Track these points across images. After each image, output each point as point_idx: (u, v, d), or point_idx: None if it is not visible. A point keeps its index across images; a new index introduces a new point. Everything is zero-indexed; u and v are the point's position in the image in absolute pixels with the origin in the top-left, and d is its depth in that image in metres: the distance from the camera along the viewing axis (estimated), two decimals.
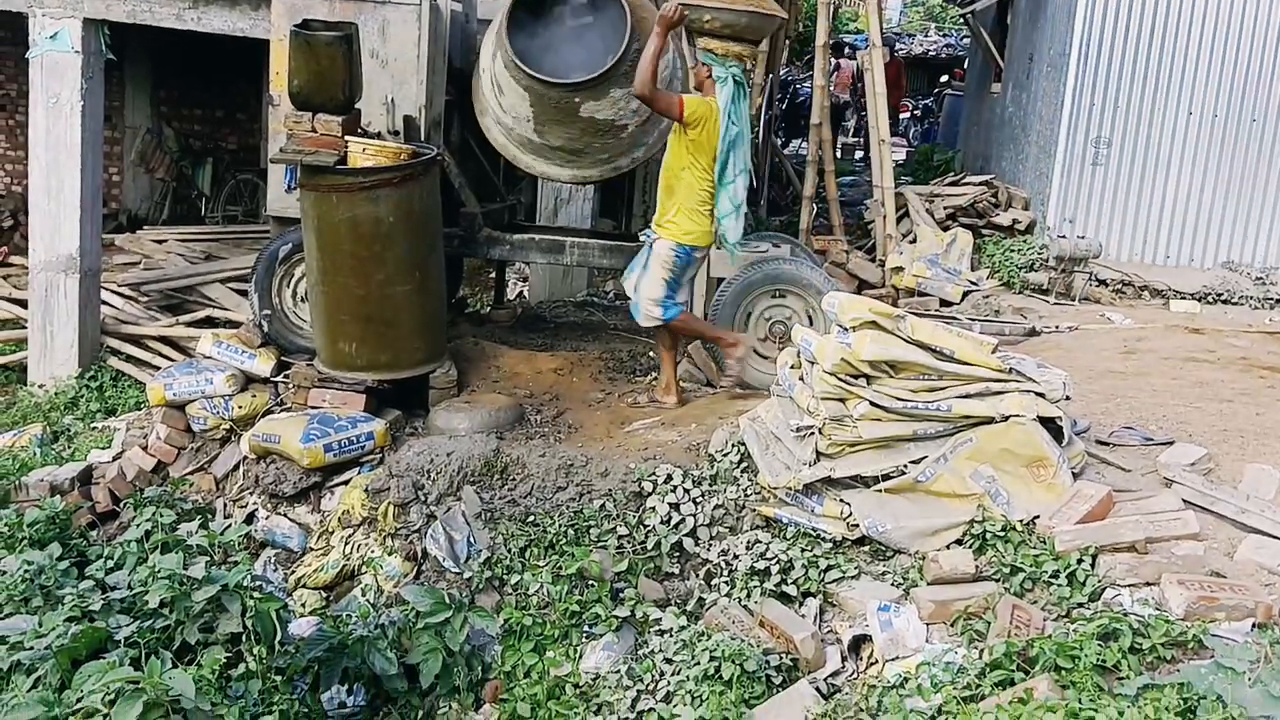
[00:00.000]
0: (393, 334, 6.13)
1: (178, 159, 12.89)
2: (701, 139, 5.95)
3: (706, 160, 6.00)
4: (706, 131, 5.94)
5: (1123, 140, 9.84)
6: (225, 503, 6.02)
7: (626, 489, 5.35)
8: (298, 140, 5.88)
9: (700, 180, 6.04)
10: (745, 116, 6.01)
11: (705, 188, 6.05)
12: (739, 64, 5.95)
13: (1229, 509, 4.51)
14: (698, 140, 5.95)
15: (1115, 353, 7.19)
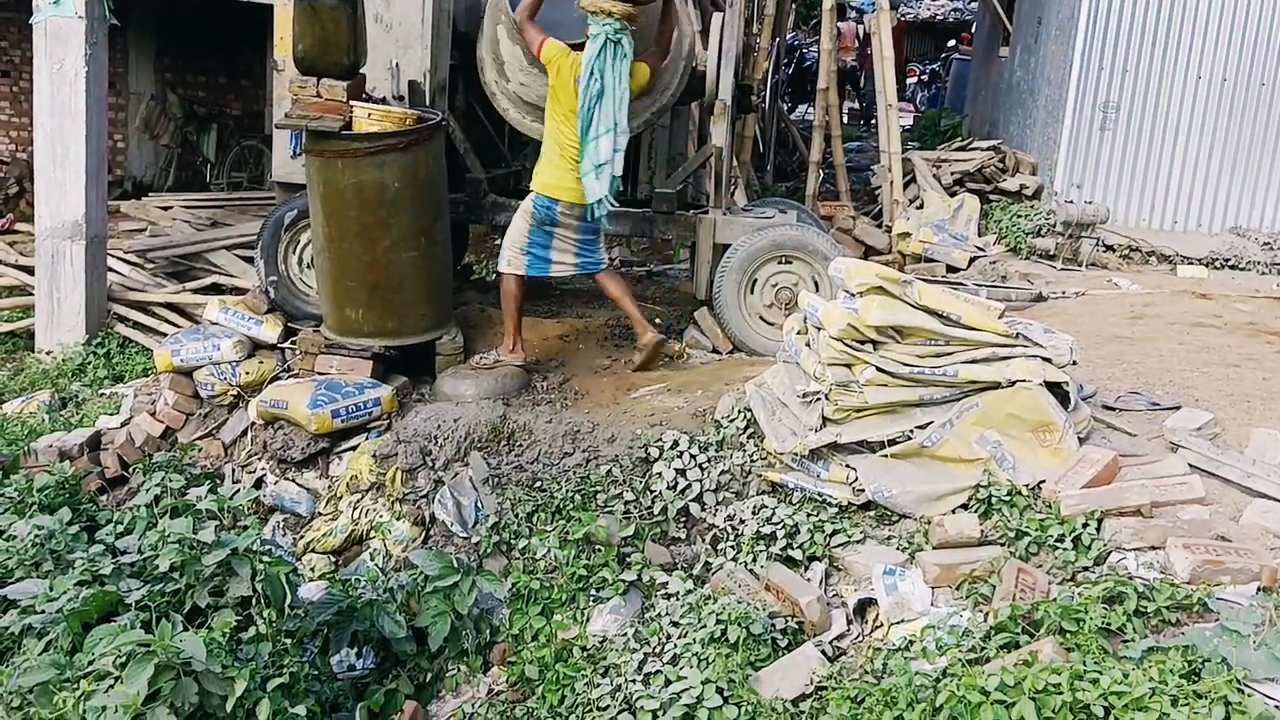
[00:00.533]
0: (399, 300, 6.13)
1: (182, 125, 12.84)
2: (556, 86, 5.94)
3: (562, 110, 5.96)
4: (560, 80, 5.92)
5: (1131, 105, 9.80)
6: (233, 468, 6.05)
7: (633, 455, 5.36)
8: (302, 106, 5.86)
9: (557, 130, 6.01)
10: (619, 76, 5.84)
11: (562, 139, 5.99)
12: (615, 22, 5.83)
13: (1235, 473, 4.52)
14: (554, 87, 5.95)
15: (1122, 318, 7.18)
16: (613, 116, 5.88)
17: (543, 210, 6.09)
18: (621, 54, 5.85)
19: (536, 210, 6.11)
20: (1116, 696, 3.25)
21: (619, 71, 5.86)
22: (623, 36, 5.82)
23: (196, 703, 3.63)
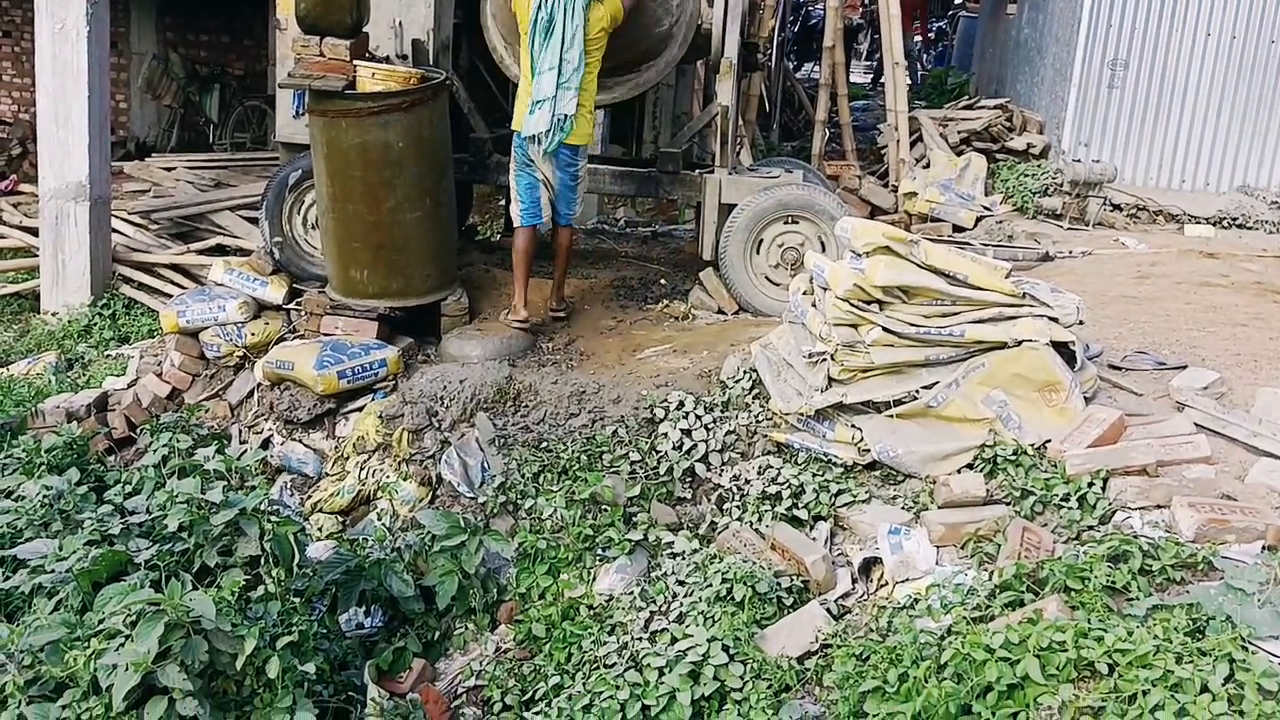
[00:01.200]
0: (404, 261, 6.12)
1: (184, 85, 12.77)
2: (521, 22, 5.95)
3: (524, 43, 5.96)
4: (519, 9, 5.95)
5: (1139, 63, 9.72)
6: (240, 429, 6.07)
7: (638, 415, 5.37)
8: (305, 65, 5.82)
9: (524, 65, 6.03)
10: (570, 12, 5.79)
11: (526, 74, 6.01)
12: None
13: (1241, 433, 4.52)
14: (520, 24, 5.97)
15: (1129, 277, 7.16)
16: (558, 54, 5.84)
17: (518, 149, 6.12)
18: None
19: (517, 148, 6.13)
20: (1121, 654, 3.27)
21: (569, 7, 5.80)
22: None
23: (206, 661, 3.65)
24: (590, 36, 5.89)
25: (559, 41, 5.82)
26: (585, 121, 6.07)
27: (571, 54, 5.84)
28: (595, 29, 5.91)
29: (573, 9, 5.81)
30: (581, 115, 6.02)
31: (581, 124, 6.04)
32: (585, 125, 6.08)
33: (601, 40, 5.96)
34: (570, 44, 5.83)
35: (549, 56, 5.84)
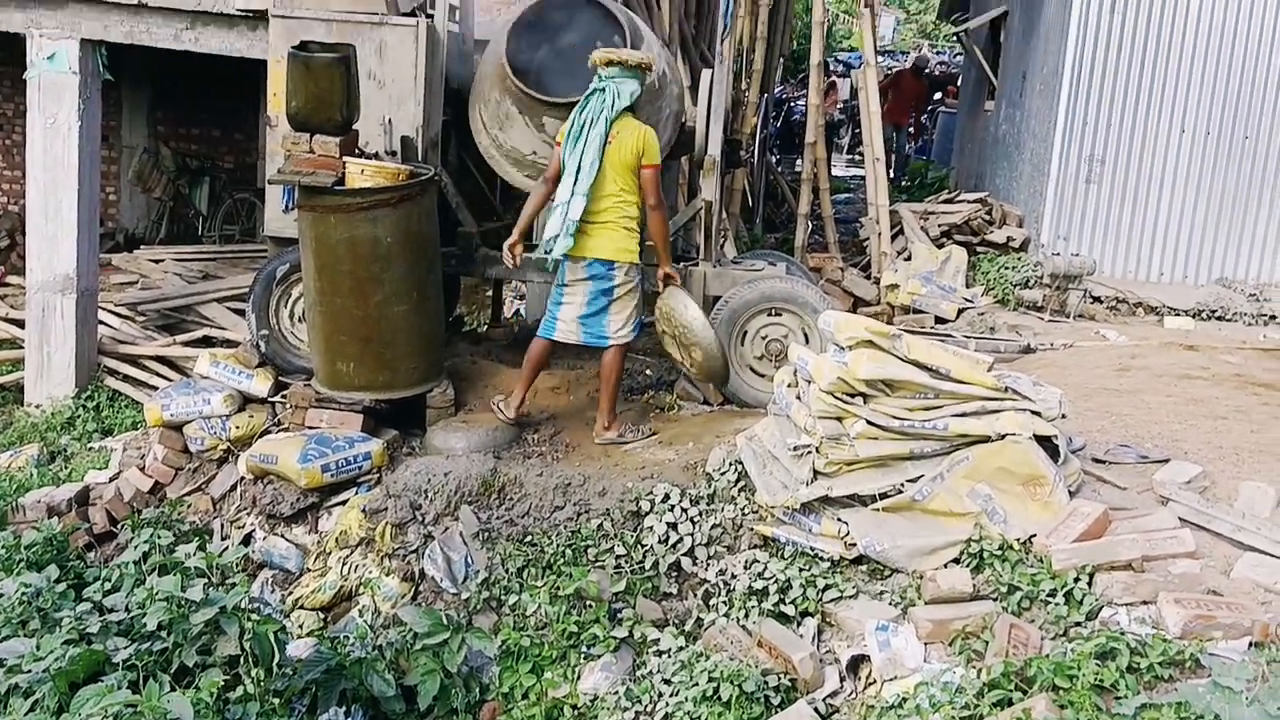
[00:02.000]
0: (390, 354, 6.14)
1: (175, 178, 12.90)
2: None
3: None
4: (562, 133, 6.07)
5: (1116, 157, 9.89)
6: (223, 523, 6.03)
7: (624, 508, 5.36)
8: (295, 161, 5.90)
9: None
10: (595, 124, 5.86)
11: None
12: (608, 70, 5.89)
13: (1225, 527, 4.53)
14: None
15: (1110, 370, 7.21)
16: (577, 160, 5.89)
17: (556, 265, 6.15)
18: (602, 101, 5.87)
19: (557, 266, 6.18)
20: None
21: (594, 119, 5.87)
22: (608, 85, 5.86)
23: None
24: (624, 160, 5.88)
25: (580, 148, 5.87)
26: (621, 237, 5.99)
27: (587, 161, 5.87)
28: (627, 153, 5.88)
29: (598, 120, 5.86)
30: (614, 230, 5.96)
31: (614, 238, 5.98)
32: (618, 240, 5.99)
33: (632, 164, 5.92)
34: (589, 152, 5.86)
35: (571, 163, 5.90)
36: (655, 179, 5.91)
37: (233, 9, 7.60)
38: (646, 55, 6.00)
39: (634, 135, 5.88)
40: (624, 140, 5.87)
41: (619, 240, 5.98)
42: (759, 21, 11.61)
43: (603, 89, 5.87)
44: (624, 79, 5.85)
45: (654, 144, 5.93)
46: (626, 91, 5.86)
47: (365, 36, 6.59)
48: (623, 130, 5.88)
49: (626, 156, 5.88)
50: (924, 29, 35.45)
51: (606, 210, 5.94)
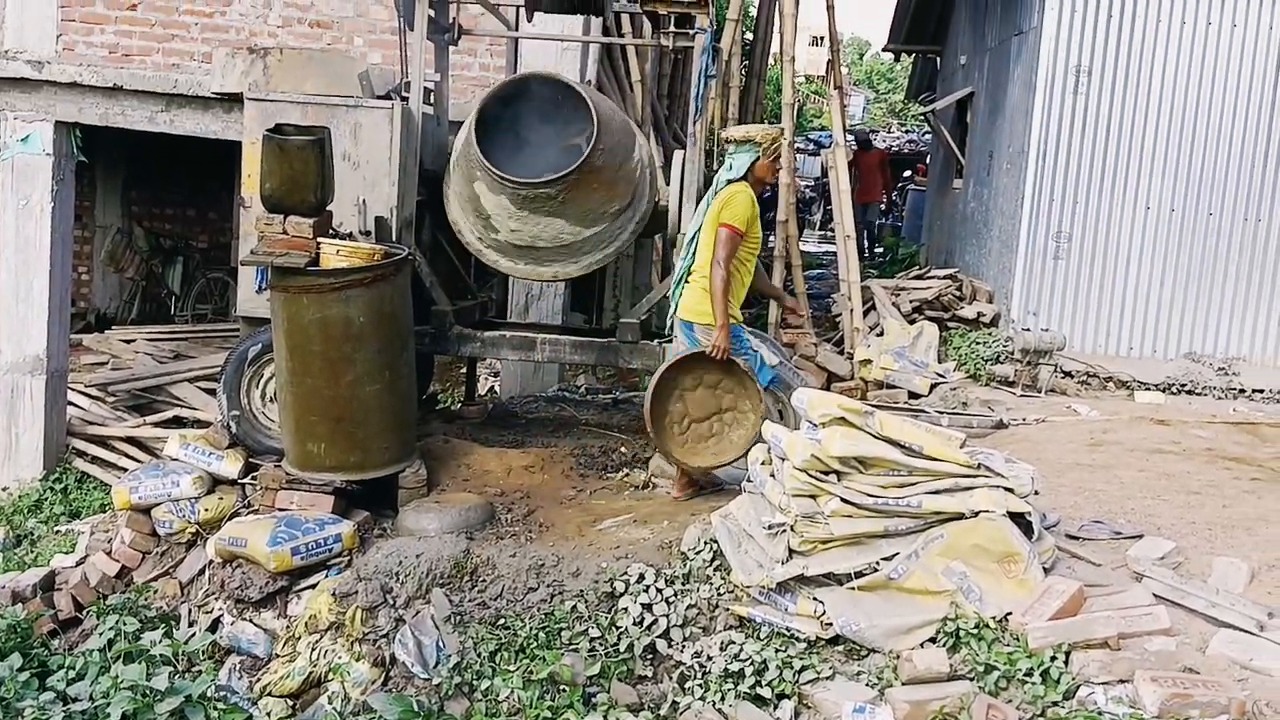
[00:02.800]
0: (362, 434, 6.10)
1: (148, 258, 12.91)
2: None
3: None
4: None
5: (1083, 234, 10.04)
6: (190, 608, 5.92)
7: (598, 589, 5.30)
8: (269, 242, 5.91)
9: None
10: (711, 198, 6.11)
11: None
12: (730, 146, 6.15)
13: (1199, 603, 4.52)
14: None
15: (1082, 445, 7.25)
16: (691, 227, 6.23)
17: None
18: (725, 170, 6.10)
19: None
20: None
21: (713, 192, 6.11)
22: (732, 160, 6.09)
23: None
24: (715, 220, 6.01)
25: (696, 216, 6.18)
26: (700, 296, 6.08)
27: (694, 226, 6.17)
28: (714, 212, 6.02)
29: (713, 191, 6.12)
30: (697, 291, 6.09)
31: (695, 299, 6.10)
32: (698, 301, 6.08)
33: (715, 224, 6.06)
34: (698, 217, 6.16)
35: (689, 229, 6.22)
36: (724, 237, 5.97)
37: (208, 92, 7.67)
38: (755, 130, 6.20)
39: (724, 197, 6.06)
40: (715, 204, 6.07)
41: (699, 300, 6.11)
42: (730, 103, 11.81)
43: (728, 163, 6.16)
44: (738, 152, 6.09)
45: (739, 205, 6.02)
46: (737, 163, 6.07)
47: (340, 119, 6.65)
48: (720, 195, 6.07)
49: (712, 217, 6.05)
50: (893, 108, 36.15)
51: (697, 271, 6.15)
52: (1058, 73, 9.96)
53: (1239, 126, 9.98)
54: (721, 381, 6.09)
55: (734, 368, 6.05)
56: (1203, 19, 9.90)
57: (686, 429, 6.12)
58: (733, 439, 6.09)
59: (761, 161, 6.09)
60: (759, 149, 6.08)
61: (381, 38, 9.06)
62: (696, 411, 6.14)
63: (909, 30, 16.68)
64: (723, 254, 5.93)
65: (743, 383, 6.07)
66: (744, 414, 6.09)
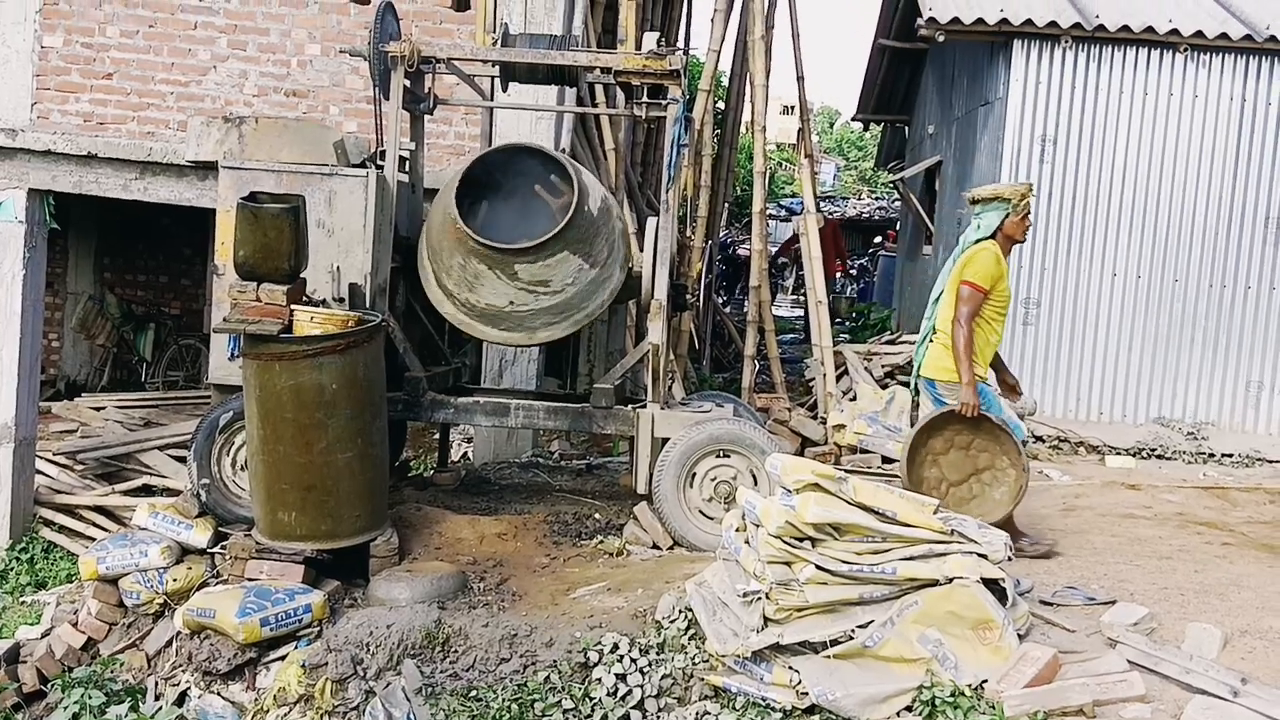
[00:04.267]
0: (333, 502, 6.05)
1: (119, 325, 12.84)
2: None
3: None
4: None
5: (1051, 301, 10.17)
6: (157, 681, 5.82)
7: (572, 659, 5.24)
8: (242, 309, 5.90)
9: None
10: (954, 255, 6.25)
11: None
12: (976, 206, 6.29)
13: (1174, 669, 4.52)
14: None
15: (1055, 510, 7.27)
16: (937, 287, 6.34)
17: None
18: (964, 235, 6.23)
19: None
20: None
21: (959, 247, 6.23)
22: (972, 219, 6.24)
23: None
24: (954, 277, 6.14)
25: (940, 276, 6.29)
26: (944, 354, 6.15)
27: (940, 286, 6.27)
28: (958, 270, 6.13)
29: (959, 249, 6.25)
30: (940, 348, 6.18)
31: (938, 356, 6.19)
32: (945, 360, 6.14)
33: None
34: (944, 277, 6.26)
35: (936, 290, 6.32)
36: (966, 295, 6.07)
37: (183, 160, 7.70)
38: (1003, 188, 6.30)
39: (966, 255, 6.15)
40: (960, 261, 6.15)
41: (943, 358, 6.17)
42: (703, 171, 11.94)
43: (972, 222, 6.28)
44: (986, 211, 6.20)
45: (982, 263, 6.10)
46: (986, 221, 6.18)
47: (315, 186, 6.68)
48: (966, 253, 6.16)
49: (956, 275, 6.15)
50: (863, 175, 36.64)
51: (939, 330, 6.24)
52: (1023, 142, 10.16)
53: (1201, 194, 10.19)
54: (974, 441, 6.05)
55: (985, 425, 6.01)
56: (1164, 90, 10.13)
57: (945, 494, 6.03)
58: (995, 498, 6.01)
59: (1011, 219, 6.16)
60: (1009, 206, 6.16)
61: (357, 107, 9.14)
62: (953, 475, 6.10)
63: (877, 100, 16.98)
64: (965, 311, 5.99)
65: (997, 439, 6.02)
66: (1002, 470, 6.03)
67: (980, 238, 6.15)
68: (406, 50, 6.85)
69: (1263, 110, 10.12)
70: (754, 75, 11.38)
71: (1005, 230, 6.16)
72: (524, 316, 6.86)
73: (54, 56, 9.07)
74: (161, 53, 9.16)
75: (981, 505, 5.99)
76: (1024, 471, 5.95)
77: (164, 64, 9.16)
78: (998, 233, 6.15)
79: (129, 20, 9.15)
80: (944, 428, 5.99)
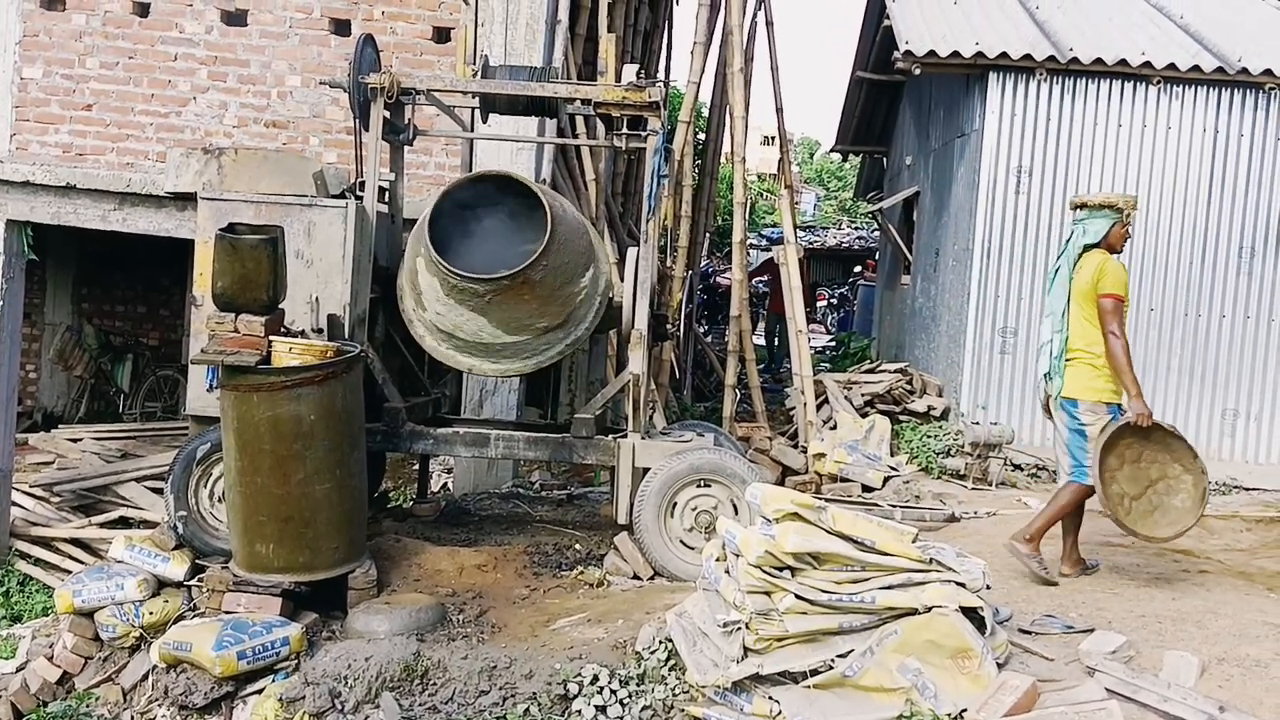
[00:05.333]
0: (311, 534, 6.02)
1: (97, 356, 12.77)
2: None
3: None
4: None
5: (1028, 330, 10.23)
6: (133, 715, 5.77)
7: (552, 691, 5.22)
8: (220, 340, 5.89)
9: None
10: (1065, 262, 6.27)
11: None
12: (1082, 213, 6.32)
13: (1152, 698, 4.53)
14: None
15: None
16: (1050, 302, 6.33)
17: None
18: (1072, 242, 6.25)
19: None
20: None
21: (1064, 260, 6.27)
22: (1076, 226, 6.27)
23: None
24: (1083, 290, 6.13)
25: (1054, 289, 6.28)
26: (1086, 373, 6.14)
27: (1059, 299, 6.24)
28: (1085, 284, 6.12)
29: (1063, 259, 6.27)
30: (1079, 366, 6.15)
31: (1078, 374, 6.15)
32: (1083, 377, 6.14)
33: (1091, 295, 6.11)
34: (1059, 289, 6.25)
35: (1048, 304, 6.31)
36: (1110, 308, 6.09)
37: (162, 191, 7.69)
38: (1115, 196, 6.32)
39: (1093, 266, 6.14)
40: (1085, 272, 6.14)
41: (1082, 377, 6.15)
42: (683, 201, 12.01)
43: (1074, 231, 6.29)
44: (1090, 219, 6.23)
45: (1116, 273, 6.14)
46: (1092, 230, 6.21)
47: (294, 217, 6.69)
48: (1085, 264, 6.16)
49: (1085, 287, 6.12)
50: (843, 205, 36.84)
51: (1074, 346, 6.20)
52: (1000, 173, 10.25)
53: (1176, 224, 10.29)
54: (1143, 453, 6.09)
55: (1154, 435, 6.05)
56: (1138, 121, 10.25)
57: (1129, 509, 6.07)
58: (1176, 505, 6.05)
59: (1118, 228, 6.22)
60: (1119, 215, 6.22)
61: (337, 138, 9.17)
62: (1131, 489, 6.13)
63: (856, 132, 17.11)
64: (1115, 324, 6.05)
65: (1167, 446, 6.07)
66: (1175, 479, 6.08)
67: (1090, 244, 6.21)
68: (386, 82, 6.88)
69: (1235, 141, 10.25)
70: (734, 107, 11.48)
71: (1109, 239, 6.23)
72: (502, 347, 6.86)
73: (33, 88, 9.08)
74: (141, 84, 9.18)
75: (1165, 515, 6.08)
76: (1202, 474, 6.03)
77: (144, 95, 9.18)
78: (1103, 241, 6.23)
79: (109, 52, 9.17)
80: (1115, 444, 6.04)
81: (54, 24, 9.15)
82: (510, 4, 9.06)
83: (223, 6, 9.25)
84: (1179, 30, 11.25)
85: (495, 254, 6.86)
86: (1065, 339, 6.22)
